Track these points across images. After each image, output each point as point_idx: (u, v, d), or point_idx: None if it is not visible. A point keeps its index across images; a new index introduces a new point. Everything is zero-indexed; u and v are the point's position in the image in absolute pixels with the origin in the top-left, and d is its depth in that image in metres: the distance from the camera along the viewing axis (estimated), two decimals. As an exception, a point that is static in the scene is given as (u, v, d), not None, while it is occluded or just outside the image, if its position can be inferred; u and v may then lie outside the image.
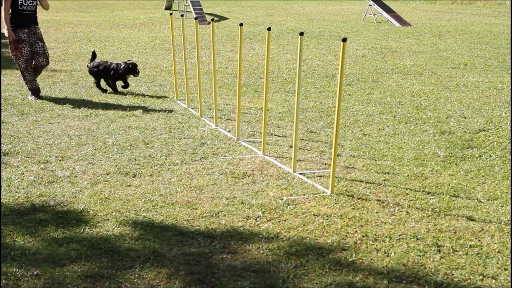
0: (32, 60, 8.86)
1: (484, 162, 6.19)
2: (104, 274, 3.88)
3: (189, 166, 6.05)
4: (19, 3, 8.59)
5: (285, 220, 4.74)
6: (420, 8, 28.00)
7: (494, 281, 3.84)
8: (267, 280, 3.82)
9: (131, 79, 10.63)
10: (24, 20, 8.66)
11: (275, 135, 7.21)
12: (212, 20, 7.54)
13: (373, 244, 4.32)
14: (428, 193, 5.34)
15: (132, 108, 8.48)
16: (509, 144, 6.77)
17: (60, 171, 5.88)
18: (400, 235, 4.47)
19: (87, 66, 9.83)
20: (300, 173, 5.84)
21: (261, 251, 4.21)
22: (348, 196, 5.24)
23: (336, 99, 5.42)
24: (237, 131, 7.06)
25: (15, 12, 8.59)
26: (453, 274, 3.91)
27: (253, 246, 4.28)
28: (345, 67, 11.56)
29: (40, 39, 8.87)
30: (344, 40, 4.95)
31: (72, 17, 22.42)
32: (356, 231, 4.53)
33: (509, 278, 3.86)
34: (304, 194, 5.30)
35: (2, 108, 8.35)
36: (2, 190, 5.34)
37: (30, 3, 8.66)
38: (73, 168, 5.97)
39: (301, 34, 5.43)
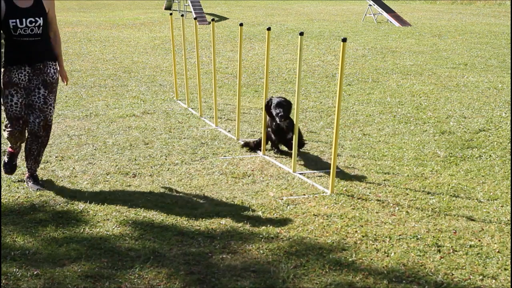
0: (20, 119, 5.25)
1: (484, 162, 6.19)
2: (104, 274, 3.88)
3: (189, 166, 6.05)
4: (11, 26, 5.08)
5: (285, 220, 4.74)
6: (420, 8, 28.00)
7: (494, 281, 3.83)
8: (267, 280, 3.82)
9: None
10: (23, 52, 5.17)
11: (275, 135, 7.20)
12: (213, 20, 7.54)
13: (373, 244, 4.32)
14: (428, 193, 5.33)
15: (132, 108, 8.48)
16: (509, 144, 6.77)
17: (60, 171, 5.88)
18: (400, 235, 4.47)
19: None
20: (300, 173, 5.84)
21: (261, 251, 4.21)
22: (348, 196, 5.24)
23: (336, 99, 5.42)
24: (237, 131, 7.06)
25: (9, 40, 5.18)
26: (453, 274, 3.91)
27: (253, 246, 4.28)
28: (345, 67, 11.56)
29: (45, 84, 5.25)
30: (344, 40, 4.94)
31: (72, 17, 22.41)
32: (356, 231, 4.53)
33: (509, 278, 3.86)
34: (304, 194, 5.30)
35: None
36: (2, 190, 5.34)
37: (30, 23, 5.11)
38: (73, 168, 5.97)
39: (301, 34, 5.43)
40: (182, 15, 8.61)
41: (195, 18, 8.14)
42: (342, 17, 23.08)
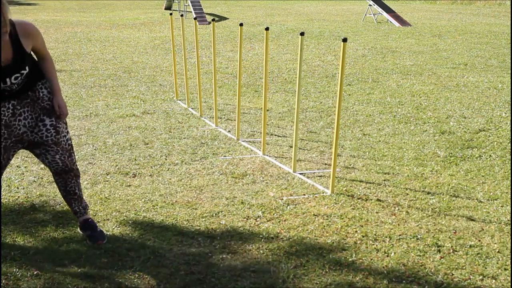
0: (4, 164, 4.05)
1: (484, 162, 6.19)
2: (104, 274, 3.88)
3: (189, 166, 6.05)
4: None
5: (285, 220, 4.74)
6: (420, 8, 27.99)
7: (494, 281, 3.83)
8: (267, 280, 3.82)
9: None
10: (7, 93, 3.88)
11: (275, 135, 7.21)
12: (213, 20, 7.54)
13: (373, 244, 4.32)
14: (428, 193, 5.33)
15: (132, 108, 8.48)
16: (509, 144, 6.77)
17: (60, 171, 5.87)
18: (400, 235, 4.47)
19: None
20: (300, 173, 5.84)
21: (261, 251, 4.21)
22: (348, 196, 5.24)
23: (336, 99, 5.42)
24: (237, 131, 7.06)
25: None
26: (453, 274, 3.91)
27: (253, 246, 4.28)
28: (345, 67, 11.56)
29: (46, 112, 4.03)
30: (345, 40, 4.94)
31: (72, 17, 22.40)
32: (356, 231, 4.53)
33: (509, 278, 3.86)
34: (304, 194, 5.30)
35: (2, 108, 8.35)
36: (2, 190, 5.34)
37: (15, 79, 3.80)
38: (73, 168, 5.97)
39: (302, 34, 5.43)
40: (182, 15, 8.61)
41: (195, 18, 8.14)
42: (342, 17, 23.08)
